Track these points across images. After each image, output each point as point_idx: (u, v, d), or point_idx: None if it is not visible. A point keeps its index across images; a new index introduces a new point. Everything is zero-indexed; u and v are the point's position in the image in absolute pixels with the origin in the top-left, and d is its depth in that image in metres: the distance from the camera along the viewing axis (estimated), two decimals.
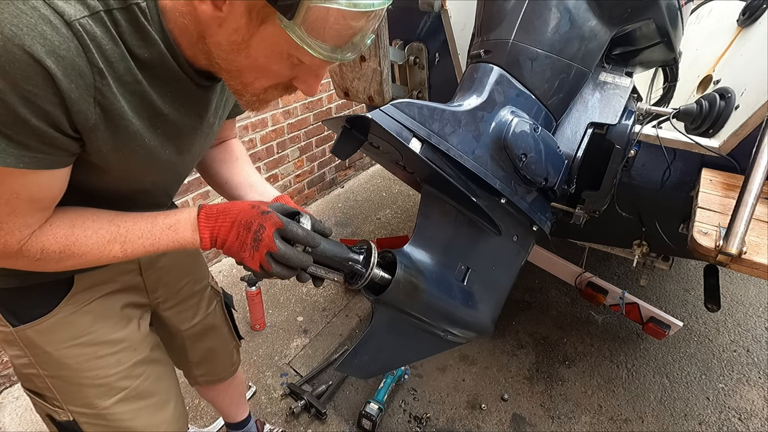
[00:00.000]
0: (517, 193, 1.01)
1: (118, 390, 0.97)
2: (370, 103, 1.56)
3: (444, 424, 1.93)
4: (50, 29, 0.52)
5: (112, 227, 0.75)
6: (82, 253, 0.73)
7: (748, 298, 2.63)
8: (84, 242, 0.73)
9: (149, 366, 1.04)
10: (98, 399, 0.95)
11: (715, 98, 1.30)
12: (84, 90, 0.58)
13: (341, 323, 2.42)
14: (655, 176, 1.35)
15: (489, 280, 1.07)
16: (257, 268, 0.75)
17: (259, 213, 0.75)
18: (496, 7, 1.08)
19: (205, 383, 1.40)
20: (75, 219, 0.73)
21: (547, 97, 1.05)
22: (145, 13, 0.61)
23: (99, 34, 0.57)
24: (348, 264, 0.86)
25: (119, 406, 0.97)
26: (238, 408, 1.63)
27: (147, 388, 1.02)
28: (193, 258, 1.22)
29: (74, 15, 0.54)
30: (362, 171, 4.09)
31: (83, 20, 0.55)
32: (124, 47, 0.60)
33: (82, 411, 0.95)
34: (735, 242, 0.91)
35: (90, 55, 0.56)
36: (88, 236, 0.73)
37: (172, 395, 1.11)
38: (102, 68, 0.58)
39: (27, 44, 0.51)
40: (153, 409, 1.04)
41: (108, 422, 0.97)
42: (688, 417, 1.97)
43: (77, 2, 0.55)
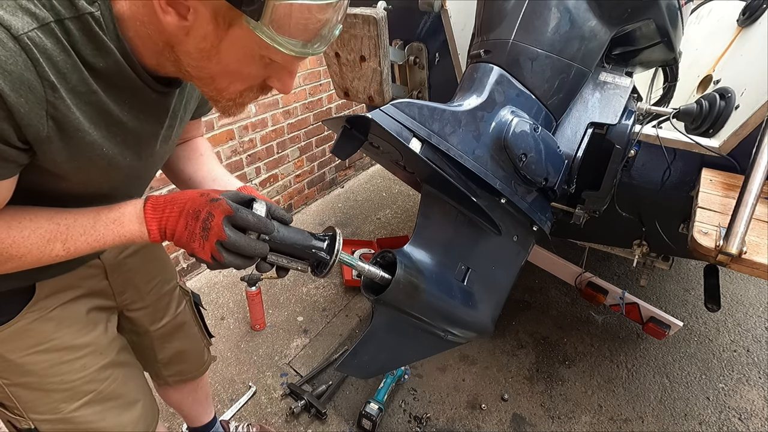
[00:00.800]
0: (517, 193, 1.01)
1: (84, 394, 0.96)
2: (370, 103, 1.56)
3: (444, 424, 1.93)
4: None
5: (51, 225, 0.71)
6: (21, 255, 0.70)
7: (748, 298, 2.62)
8: (22, 243, 0.69)
9: (116, 369, 1.03)
10: (63, 403, 0.94)
11: (715, 98, 1.30)
12: (34, 104, 0.57)
13: (341, 323, 2.42)
14: (655, 176, 1.35)
15: (489, 280, 1.07)
16: (209, 259, 0.71)
17: (208, 201, 0.72)
18: (496, 7, 1.08)
19: (175, 383, 1.38)
20: (11, 220, 0.69)
21: (547, 97, 1.05)
22: (99, 22, 0.60)
23: (49, 46, 0.56)
24: (311, 252, 0.81)
25: (84, 409, 0.97)
26: (205, 410, 1.61)
27: (114, 390, 1.02)
28: (160, 259, 1.22)
29: (22, 28, 0.53)
30: (362, 171, 4.08)
31: (32, 33, 0.54)
32: (77, 57, 0.59)
33: (45, 418, 0.94)
34: (735, 242, 0.91)
35: (40, 69, 0.55)
36: (25, 237, 0.70)
37: (140, 395, 1.11)
38: (53, 81, 0.57)
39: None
40: (119, 410, 1.03)
41: (73, 425, 0.96)
42: (688, 417, 1.97)
43: (25, 14, 0.54)
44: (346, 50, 1.43)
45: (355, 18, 1.32)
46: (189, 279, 2.73)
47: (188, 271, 2.71)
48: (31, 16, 0.54)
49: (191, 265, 2.72)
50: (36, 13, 0.54)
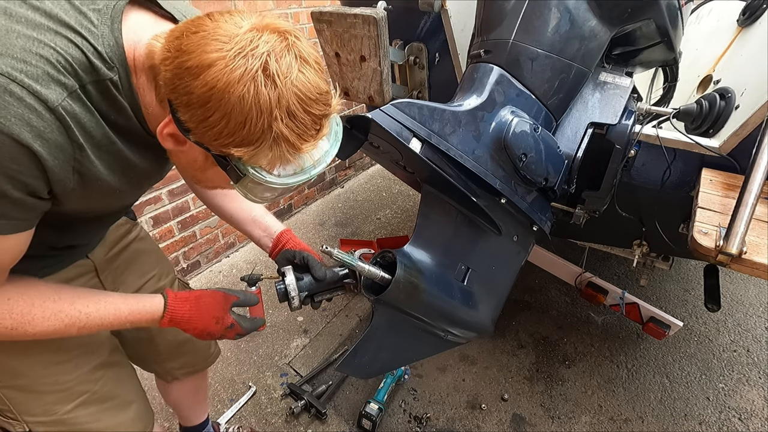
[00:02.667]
0: (517, 193, 1.01)
1: (78, 394, 0.97)
2: (370, 103, 1.56)
3: (444, 424, 1.93)
4: (36, 117, 0.59)
5: (73, 312, 0.80)
6: (33, 332, 0.77)
7: (748, 298, 2.62)
8: (39, 323, 0.76)
9: (109, 369, 1.04)
10: (58, 405, 0.95)
11: (715, 98, 1.30)
12: (65, 163, 0.64)
13: (341, 323, 2.42)
14: (655, 176, 1.34)
15: (489, 280, 1.07)
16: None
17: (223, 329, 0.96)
18: (496, 7, 1.08)
19: (183, 375, 1.39)
20: (35, 298, 0.76)
21: (547, 97, 1.05)
22: (117, 85, 0.67)
23: (78, 110, 0.63)
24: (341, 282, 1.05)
25: (79, 410, 0.98)
26: (202, 410, 1.61)
27: (108, 391, 1.03)
28: (154, 254, 1.24)
29: (56, 100, 0.60)
30: (362, 171, 4.09)
31: (64, 103, 0.61)
32: (99, 115, 0.67)
33: (40, 420, 0.94)
34: (735, 242, 0.91)
35: (71, 133, 0.63)
36: (46, 317, 0.77)
37: (134, 396, 1.12)
38: (81, 142, 0.65)
39: (15, 133, 0.57)
40: (114, 410, 1.04)
41: (68, 427, 0.97)
42: (688, 417, 1.97)
43: (57, 85, 0.60)
44: (346, 50, 1.43)
45: (355, 18, 1.32)
46: (189, 279, 2.73)
47: (188, 271, 2.72)
48: (61, 87, 0.61)
49: (191, 265, 2.72)
50: (65, 83, 0.61)
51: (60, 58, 0.61)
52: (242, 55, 0.59)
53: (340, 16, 1.35)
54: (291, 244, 1.12)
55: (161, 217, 2.44)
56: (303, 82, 0.63)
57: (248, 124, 0.62)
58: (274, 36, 0.62)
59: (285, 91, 0.61)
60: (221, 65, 0.59)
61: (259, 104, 0.61)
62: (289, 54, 0.62)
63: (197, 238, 2.69)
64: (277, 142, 0.64)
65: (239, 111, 0.61)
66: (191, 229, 2.64)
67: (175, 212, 2.51)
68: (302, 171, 0.71)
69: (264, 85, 0.60)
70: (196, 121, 0.63)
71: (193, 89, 0.61)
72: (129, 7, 0.70)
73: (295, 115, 0.63)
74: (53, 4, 0.63)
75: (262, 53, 0.60)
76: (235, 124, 0.62)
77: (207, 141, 0.65)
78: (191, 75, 0.60)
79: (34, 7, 0.62)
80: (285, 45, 0.62)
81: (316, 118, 0.66)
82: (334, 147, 0.74)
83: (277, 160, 0.67)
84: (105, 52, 0.65)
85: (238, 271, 2.79)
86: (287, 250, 1.10)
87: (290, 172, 0.70)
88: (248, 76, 0.59)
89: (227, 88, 0.59)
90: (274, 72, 0.60)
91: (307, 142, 0.66)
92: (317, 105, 0.65)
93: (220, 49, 0.59)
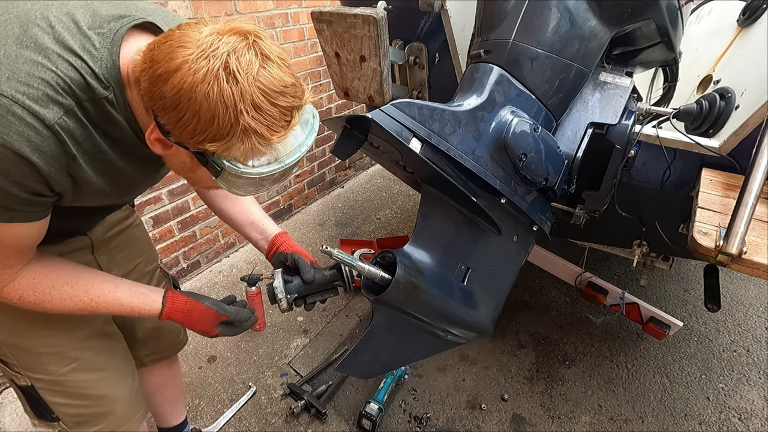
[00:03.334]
0: (517, 193, 1.01)
1: (71, 360, 1.05)
2: (370, 103, 1.56)
3: (444, 424, 1.93)
4: (34, 133, 0.68)
5: (86, 298, 0.91)
6: (52, 309, 0.89)
7: (748, 298, 2.62)
8: (57, 303, 0.89)
9: (101, 340, 1.12)
10: (52, 366, 1.03)
11: (715, 98, 1.30)
12: (60, 169, 0.74)
13: (341, 323, 2.42)
14: (655, 176, 1.34)
15: (489, 280, 1.07)
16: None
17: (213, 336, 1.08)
18: (496, 7, 1.08)
19: (151, 362, 1.43)
20: (55, 282, 0.88)
21: (547, 97, 1.05)
22: (112, 102, 0.75)
23: (72, 126, 0.72)
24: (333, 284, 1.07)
25: (75, 374, 1.06)
26: (175, 410, 1.63)
27: (100, 362, 1.11)
28: (144, 241, 1.33)
29: (53, 118, 0.69)
30: (362, 171, 4.09)
31: (60, 120, 0.70)
32: (93, 128, 0.75)
33: (39, 377, 1.03)
34: (735, 242, 0.91)
35: (65, 146, 0.72)
36: (63, 299, 0.89)
37: (129, 372, 1.19)
38: (74, 153, 0.74)
39: (16, 147, 0.67)
40: (111, 381, 1.13)
41: (66, 388, 1.06)
42: (688, 417, 1.97)
43: (54, 105, 0.69)
44: (346, 50, 1.43)
45: (355, 18, 1.32)
46: (189, 279, 2.73)
47: (188, 270, 2.72)
48: (59, 106, 0.70)
49: (191, 265, 2.72)
50: (63, 102, 0.70)
51: (59, 81, 0.69)
52: (204, 56, 0.65)
53: (340, 16, 1.35)
54: (285, 246, 1.17)
55: (161, 217, 2.44)
56: (265, 76, 0.67)
57: (216, 119, 0.67)
58: (234, 37, 0.67)
59: (247, 86, 0.66)
60: (186, 68, 0.65)
61: (224, 99, 0.65)
62: (250, 52, 0.67)
63: (197, 238, 2.69)
64: (247, 133, 0.69)
65: (207, 108, 0.66)
66: (191, 229, 2.64)
67: (175, 212, 2.51)
68: (276, 161, 0.75)
69: (226, 81, 0.65)
70: (172, 122, 0.69)
71: (165, 93, 0.67)
72: (132, 31, 0.77)
73: (260, 107, 0.68)
74: (62, 27, 0.72)
75: (223, 53, 0.65)
76: (205, 121, 0.67)
77: (185, 140, 0.71)
78: (162, 81, 0.66)
79: (46, 30, 0.70)
80: (245, 44, 0.67)
81: (284, 110, 0.70)
82: (311, 137, 0.78)
83: (250, 152, 0.71)
84: (101, 74, 0.73)
85: (238, 271, 2.79)
86: (281, 252, 1.14)
87: (264, 162, 0.74)
88: (211, 75, 0.65)
89: (193, 88, 0.65)
90: (234, 69, 0.65)
91: (277, 133, 0.71)
92: (283, 97, 0.69)
93: (184, 54, 0.65)
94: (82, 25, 0.73)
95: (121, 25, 0.76)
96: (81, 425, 1.11)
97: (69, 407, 1.08)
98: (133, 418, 1.20)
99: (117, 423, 1.15)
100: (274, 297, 1.02)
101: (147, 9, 0.84)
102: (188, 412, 1.90)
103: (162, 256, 2.49)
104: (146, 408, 1.26)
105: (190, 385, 2.07)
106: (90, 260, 1.12)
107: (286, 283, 1.03)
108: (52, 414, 1.08)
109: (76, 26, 0.73)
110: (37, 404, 1.07)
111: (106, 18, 0.76)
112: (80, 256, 1.08)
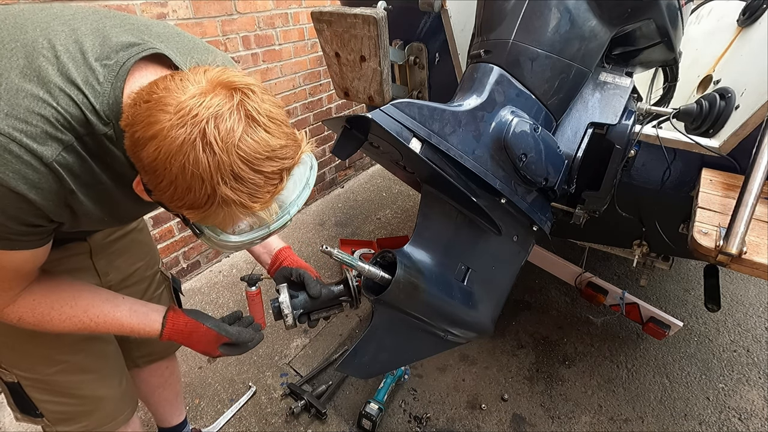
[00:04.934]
0: (517, 193, 1.01)
1: (59, 362, 1.04)
2: (370, 103, 1.56)
3: (444, 424, 1.93)
4: (32, 171, 0.67)
5: (85, 319, 0.90)
6: (52, 329, 0.88)
7: (748, 298, 2.62)
8: (57, 324, 0.88)
9: (93, 343, 1.10)
10: (40, 366, 1.03)
11: (715, 98, 1.30)
12: (58, 203, 0.73)
13: (341, 323, 2.42)
14: (655, 176, 1.34)
15: (489, 280, 1.07)
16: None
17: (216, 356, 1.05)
18: (496, 7, 1.08)
19: (144, 364, 1.42)
20: (55, 302, 0.88)
21: (547, 97, 1.04)
22: (111, 138, 0.74)
23: (71, 161, 0.71)
24: (338, 300, 1.05)
25: (62, 375, 1.05)
26: (174, 409, 1.62)
27: (89, 364, 1.10)
28: (146, 245, 1.31)
29: (51, 156, 0.68)
30: (362, 171, 4.09)
31: (58, 157, 0.69)
32: (91, 161, 0.74)
33: (26, 375, 1.03)
34: (735, 242, 0.91)
35: (63, 182, 0.71)
36: (62, 320, 0.88)
37: (117, 374, 1.18)
38: (72, 188, 0.73)
39: (13, 185, 0.66)
40: (98, 383, 1.12)
41: (53, 387, 1.06)
42: (688, 417, 1.97)
43: (53, 141, 0.68)
44: (346, 50, 1.43)
45: (355, 18, 1.32)
46: (189, 279, 2.73)
47: (188, 271, 2.72)
48: (57, 142, 0.68)
49: (191, 265, 2.72)
50: (61, 138, 0.69)
51: (59, 117, 0.68)
52: (181, 125, 0.61)
53: (340, 16, 1.35)
54: (288, 261, 1.16)
55: (161, 217, 2.44)
56: (248, 143, 0.63)
57: (192, 191, 0.64)
58: (219, 97, 0.63)
59: (225, 156, 0.62)
60: (162, 136, 0.61)
61: (199, 171, 0.62)
62: (233, 116, 0.62)
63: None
64: (226, 203, 0.65)
65: (182, 179, 0.63)
66: None
67: None
68: (260, 226, 0.73)
69: (203, 151, 0.61)
70: (152, 185, 0.68)
71: (143, 158, 0.64)
72: (140, 63, 0.74)
73: (240, 177, 0.64)
74: (68, 57, 0.70)
75: (202, 119, 0.61)
76: (182, 191, 0.64)
77: (165, 202, 0.69)
78: (140, 145, 0.64)
79: (51, 61, 0.69)
80: (229, 107, 0.62)
81: (271, 175, 0.66)
82: (304, 194, 0.75)
83: (230, 219, 0.69)
84: (102, 110, 0.71)
85: (238, 271, 2.79)
86: (284, 267, 1.13)
87: (246, 228, 0.72)
88: (188, 145, 0.61)
89: (168, 158, 0.62)
90: (212, 139, 0.61)
91: (261, 200, 0.67)
92: (270, 162, 0.65)
93: (162, 119, 0.62)
94: (89, 56, 0.72)
95: (129, 56, 0.73)
96: (65, 422, 1.11)
97: (54, 404, 1.08)
98: (118, 417, 1.19)
99: (101, 421, 1.15)
100: (280, 313, 1.00)
101: (161, 35, 0.81)
102: (188, 412, 1.90)
103: (162, 256, 2.49)
104: (134, 408, 1.25)
105: (190, 385, 2.07)
106: (88, 265, 1.11)
107: (291, 299, 1.01)
108: (37, 410, 1.08)
109: (83, 57, 0.71)
110: (22, 400, 1.07)
111: (116, 47, 0.74)
112: (78, 260, 1.08)
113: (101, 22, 0.77)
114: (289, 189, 0.71)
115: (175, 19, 2.23)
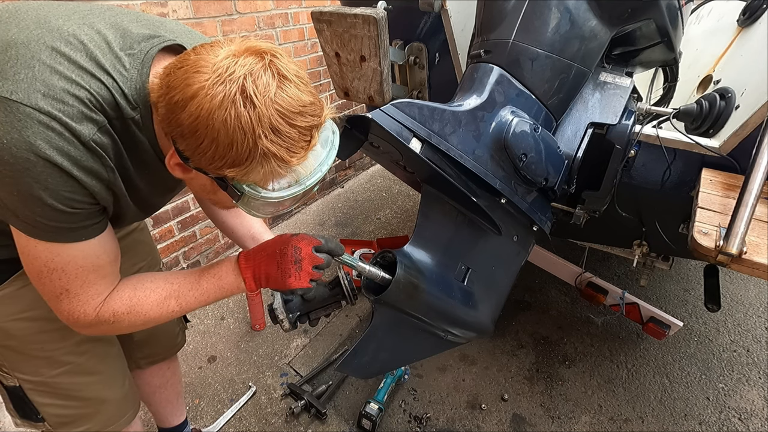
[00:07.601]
0: (517, 193, 1.01)
1: (63, 364, 1.03)
2: (370, 103, 1.56)
3: (444, 424, 1.93)
4: (74, 149, 0.69)
5: (166, 285, 0.89)
6: (145, 311, 0.87)
7: (748, 298, 2.62)
8: (145, 301, 0.87)
9: (96, 344, 1.09)
10: (43, 368, 1.02)
11: (715, 98, 1.30)
12: (101, 183, 0.75)
13: (341, 323, 2.42)
14: (655, 176, 1.34)
15: (489, 280, 1.08)
16: (307, 284, 0.89)
17: (290, 237, 0.90)
18: (496, 7, 1.08)
19: (146, 365, 1.42)
20: (136, 283, 0.88)
21: (547, 97, 1.05)
22: (138, 123, 0.77)
23: (105, 141, 0.73)
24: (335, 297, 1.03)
25: (65, 377, 1.04)
26: (174, 409, 1.62)
27: (92, 366, 1.09)
28: (147, 245, 1.32)
29: (88, 134, 0.70)
30: (362, 171, 4.09)
31: (95, 136, 0.71)
32: (121, 145, 0.77)
33: (29, 378, 1.02)
34: (735, 242, 0.91)
35: (103, 160, 0.74)
36: (147, 295, 0.87)
37: (120, 375, 1.17)
38: (113, 166, 0.76)
39: (59, 161, 0.68)
40: (101, 384, 1.11)
41: (55, 390, 1.04)
42: (688, 417, 1.97)
43: (89, 122, 0.70)
44: (346, 50, 1.43)
45: (355, 18, 1.32)
46: None
47: None
48: (93, 123, 0.71)
49: (191, 265, 2.72)
50: (96, 119, 0.71)
51: (92, 98, 0.70)
52: (220, 82, 0.64)
53: (340, 16, 1.35)
54: None
55: (161, 217, 2.44)
56: (283, 98, 0.66)
57: (235, 146, 0.66)
58: (251, 58, 0.66)
59: (265, 109, 0.65)
60: (202, 95, 0.64)
61: (242, 125, 0.64)
62: (267, 73, 0.66)
63: (197, 237, 2.69)
64: (266, 158, 0.67)
65: (225, 134, 0.65)
66: (191, 229, 2.64)
67: (175, 212, 2.51)
68: (297, 183, 0.74)
69: (243, 106, 0.64)
70: (191, 149, 0.69)
71: (183, 121, 0.66)
72: (161, 52, 0.78)
73: (279, 130, 0.67)
74: (94, 45, 0.73)
75: (239, 77, 0.64)
76: (224, 147, 0.66)
77: (204, 166, 0.70)
78: (179, 108, 0.66)
79: (78, 48, 0.71)
80: (262, 65, 0.66)
81: (304, 130, 0.69)
82: (331, 155, 0.76)
83: (270, 175, 0.71)
84: (130, 94, 0.74)
85: None
86: None
87: (285, 185, 0.74)
88: (228, 101, 0.64)
89: (210, 115, 0.64)
90: (251, 93, 0.64)
91: (297, 155, 0.70)
92: (302, 117, 0.68)
93: (200, 79, 0.65)
94: (114, 46, 0.74)
95: (152, 46, 0.77)
96: (66, 426, 1.10)
97: (56, 408, 1.07)
98: (120, 419, 1.18)
99: (103, 424, 1.14)
100: (275, 318, 0.99)
101: (175, 30, 0.85)
102: (188, 412, 1.90)
103: (162, 256, 2.49)
104: (137, 410, 1.24)
105: (190, 385, 2.07)
106: None
107: (285, 303, 1.01)
108: (38, 414, 1.07)
109: (108, 46, 0.74)
110: (23, 404, 1.06)
111: (137, 38, 0.77)
112: None
113: (117, 18, 0.80)
114: (317, 149, 0.73)
115: (175, 20, 2.23)
